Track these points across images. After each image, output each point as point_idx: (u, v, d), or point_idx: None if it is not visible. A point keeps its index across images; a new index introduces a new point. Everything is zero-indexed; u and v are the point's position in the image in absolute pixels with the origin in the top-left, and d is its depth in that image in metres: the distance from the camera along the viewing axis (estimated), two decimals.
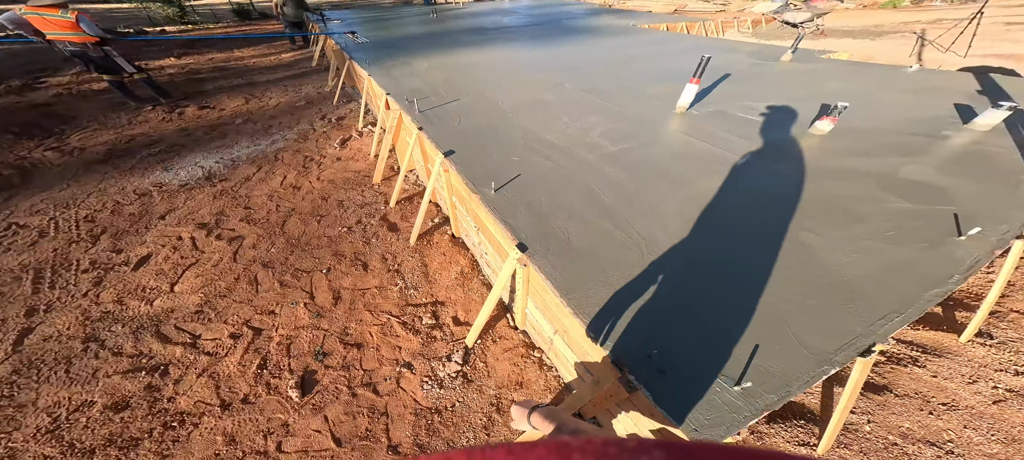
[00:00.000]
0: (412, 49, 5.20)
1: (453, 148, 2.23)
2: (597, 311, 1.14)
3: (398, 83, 3.56)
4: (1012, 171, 1.85)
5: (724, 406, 0.90)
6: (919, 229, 1.42)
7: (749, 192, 1.77)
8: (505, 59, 4.52)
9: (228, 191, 3.38)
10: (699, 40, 5.98)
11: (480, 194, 1.79)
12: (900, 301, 1.11)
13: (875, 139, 2.28)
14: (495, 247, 1.90)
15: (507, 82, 3.54)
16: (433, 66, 4.19)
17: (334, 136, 4.46)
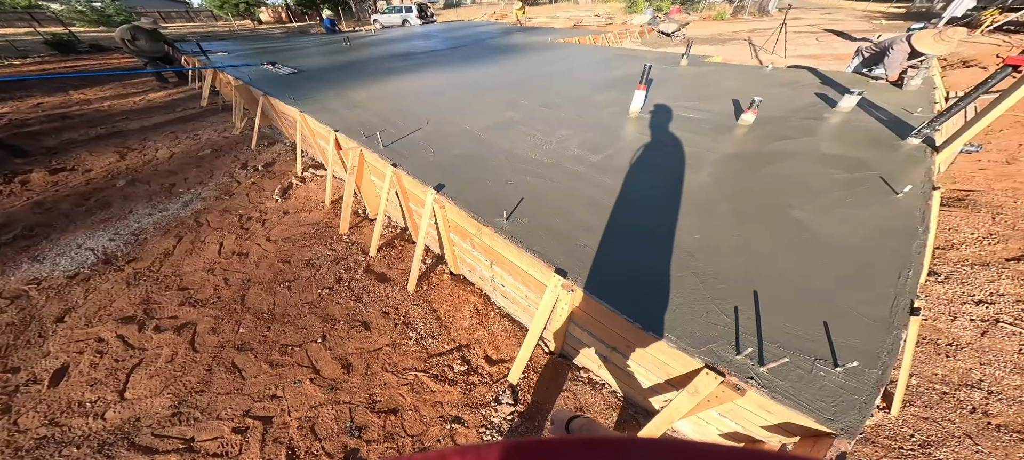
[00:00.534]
0: (338, 80, 4.75)
1: (439, 181, 2.08)
2: (661, 319, 1.18)
3: (341, 118, 3.21)
4: (884, 137, 2.45)
5: (841, 389, 0.94)
6: (865, 193, 1.79)
7: (726, 182, 2.01)
8: (450, 82, 4.42)
9: (146, 273, 2.63)
10: (611, 51, 6.63)
11: (493, 226, 1.71)
12: (897, 256, 1.37)
13: (785, 124, 2.80)
14: (518, 277, 1.84)
15: (464, 105, 3.47)
16: (375, 96, 3.89)
17: (269, 187, 3.81)
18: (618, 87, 4.05)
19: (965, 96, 2.09)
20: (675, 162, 2.24)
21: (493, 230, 1.68)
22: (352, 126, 3.01)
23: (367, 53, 7.27)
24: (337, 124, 3.06)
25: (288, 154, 4.61)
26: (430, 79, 4.63)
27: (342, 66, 5.85)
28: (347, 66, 5.82)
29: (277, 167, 4.29)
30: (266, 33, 18.52)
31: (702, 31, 11.81)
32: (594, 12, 15.71)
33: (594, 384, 1.78)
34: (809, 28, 12.24)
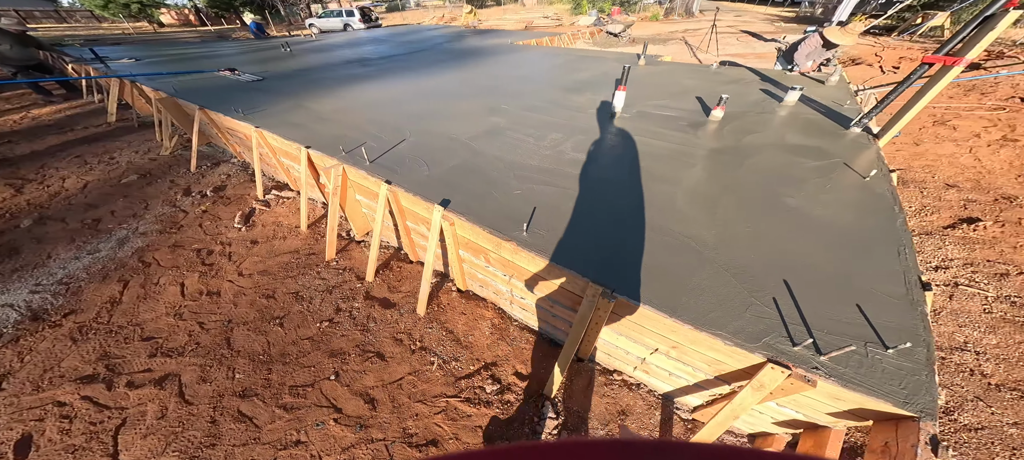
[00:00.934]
0: (292, 90, 4.33)
1: (441, 196, 1.97)
2: (708, 317, 1.23)
3: (310, 132, 2.93)
4: (829, 127, 2.79)
5: (899, 371, 1.01)
6: (838, 178, 2.03)
7: (719, 175, 2.15)
8: (419, 89, 4.24)
9: (93, 326, 2.18)
10: (571, 52, 6.79)
11: (515, 241, 1.67)
12: (886, 234, 1.55)
13: (747, 119, 3.07)
14: (546, 291, 1.79)
15: (443, 113, 3.35)
16: (342, 106, 3.60)
17: (225, 214, 3.36)
18: (590, 88, 4.17)
19: (892, 90, 2.45)
20: (669, 160, 2.35)
21: (515, 245, 1.63)
22: (325, 141, 2.75)
23: (314, 60, 6.72)
24: (306, 139, 2.78)
25: (241, 175, 4.11)
26: (397, 86, 4.40)
27: (291, 74, 5.34)
28: (297, 74, 5.33)
29: (231, 191, 3.80)
30: (174, 37, 16.31)
31: (643, 32, 12.61)
32: (543, 14, 16.04)
33: (629, 386, 1.83)
34: (728, 29, 13.59)
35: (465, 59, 6.32)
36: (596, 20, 14.36)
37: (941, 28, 11.36)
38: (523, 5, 23.99)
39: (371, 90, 4.24)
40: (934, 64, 2.24)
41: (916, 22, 11.80)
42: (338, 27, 18.03)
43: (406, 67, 5.72)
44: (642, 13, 16.32)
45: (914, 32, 11.37)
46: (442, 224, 1.93)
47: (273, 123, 3.18)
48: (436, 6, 32.24)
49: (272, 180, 3.96)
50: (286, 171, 3.50)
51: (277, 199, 3.57)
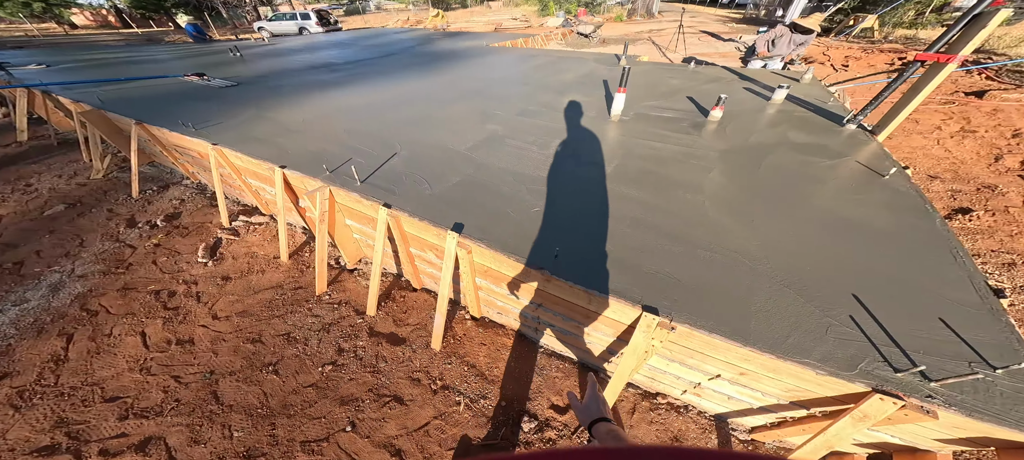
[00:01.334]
0: (252, 99, 3.88)
1: (452, 220, 1.74)
2: (786, 343, 1.12)
3: (280, 148, 2.57)
4: (824, 124, 2.86)
5: (1019, 393, 0.95)
6: (857, 177, 2.02)
7: (740, 179, 2.06)
8: (400, 95, 3.93)
9: (38, 389, 1.73)
10: (549, 53, 6.67)
11: (545, 269, 1.45)
12: (932, 236, 1.52)
13: (743, 118, 3.09)
14: (587, 319, 1.63)
15: (432, 121, 3.09)
16: (313, 116, 3.23)
17: (185, 247, 2.90)
18: (579, 89, 4.07)
19: (885, 87, 2.53)
20: (684, 164, 2.27)
21: (546, 274, 1.45)
22: (301, 158, 2.43)
23: (270, 65, 6.15)
24: (277, 157, 2.44)
25: (197, 199, 3.61)
26: (373, 93, 4.07)
27: (249, 81, 4.82)
28: (254, 81, 4.81)
29: (187, 219, 3.31)
30: (93, 40, 14.52)
31: (611, 32, 12.84)
32: (511, 16, 15.93)
33: (676, 409, 1.71)
34: (688, 29, 14.19)
35: (443, 62, 6.04)
36: (564, 21, 14.47)
37: (871, 29, 12.50)
38: (489, 8, 23.81)
39: (344, 97, 3.88)
40: (926, 61, 2.32)
41: (850, 24, 12.86)
42: (292, 31, 16.97)
43: (380, 71, 5.36)
44: (606, 14, 16.67)
45: (849, 33, 12.39)
46: (457, 251, 1.72)
47: (233, 138, 2.78)
48: (399, 9, 31.26)
49: (237, 203, 3.51)
50: (255, 193, 3.09)
51: (247, 226, 3.14)
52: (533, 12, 16.91)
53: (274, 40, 11.37)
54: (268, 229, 3.06)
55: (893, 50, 8.64)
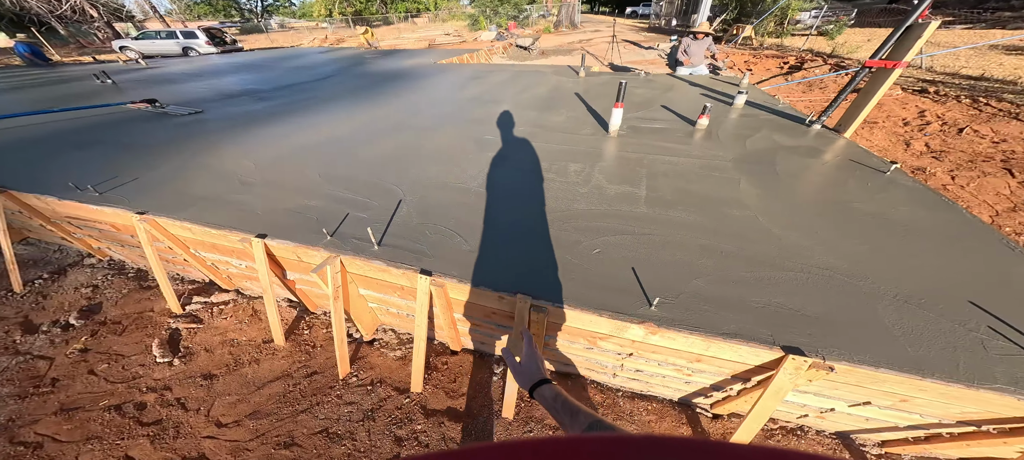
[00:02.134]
0: (172, 139, 3.04)
1: (504, 280, 1.46)
2: (962, 368, 1.08)
3: (241, 208, 1.98)
4: (791, 126, 3.15)
5: None
6: (865, 176, 2.17)
7: (770, 188, 2.08)
8: (366, 125, 3.42)
9: None
10: (503, 69, 6.49)
11: (649, 320, 1.26)
12: (968, 228, 1.66)
13: (725, 125, 3.26)
14: (687, 358, 1.49)
15: (422, 154, 2.67)
16: (269, 159, 2.59)
17: (128, 348, 2.05)
18: (558, 105, 3.97)
19: (841, 91, 2.86)
20: (712, 179, 2.24)
21: (651, 326, 1.25)
22: (277, 218, 1.88)
23: (164, 95, 5.01)
24: (242, 221, 1.87)
25: (118, 283, 2.66)
26: (329, 125, 3.48)
27: (143, 118, 3.82)
28: (152, 118, 3.83)
29: (114, 311, 2.39)
30: None
31: (546, 44, 13.30)
32: (442, 32, 15.56)
33: (792, 432, 1.62)
34: (610, 39, 15.41)
35: (394, 83, 5.53)
36: (497, 35, 14.62)
37: (750, 38, 14.89)
38: (415, 24, 23.13)
39: (294, 132, 3.25)
40: (872, 67, 2.67)
41: (734, 33, 15.15)
42: (172, 51, 14.46)
43: (323, 98, 4.68)
44: (535, 27, 17.31)
45: (736, 41, 14.55)
46: (530, 315, 1.43)
47: (164, 200, 2.08)
48: (310, 27, 28.73)
49: (182, 281, 2.67)
50: (211, 268, 2.36)
51: (209, 309, 2.37)
52: (464, 27, 16.82)
53: (151, 62, 9.46)
54: (239, 308, 2.35)
55: (774, 56, 10.31)
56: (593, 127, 3.28)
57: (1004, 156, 3.22)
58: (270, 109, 4.16)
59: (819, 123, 3.03)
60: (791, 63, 9.17)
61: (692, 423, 1.67)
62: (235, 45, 15.31)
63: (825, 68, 8.14)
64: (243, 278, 2.38)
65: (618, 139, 2.98)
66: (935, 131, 4.12)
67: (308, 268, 1.81)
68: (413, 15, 29.44)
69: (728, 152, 2.63)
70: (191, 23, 32.54)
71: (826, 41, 11.10)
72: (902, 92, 5.80)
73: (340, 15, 30.41)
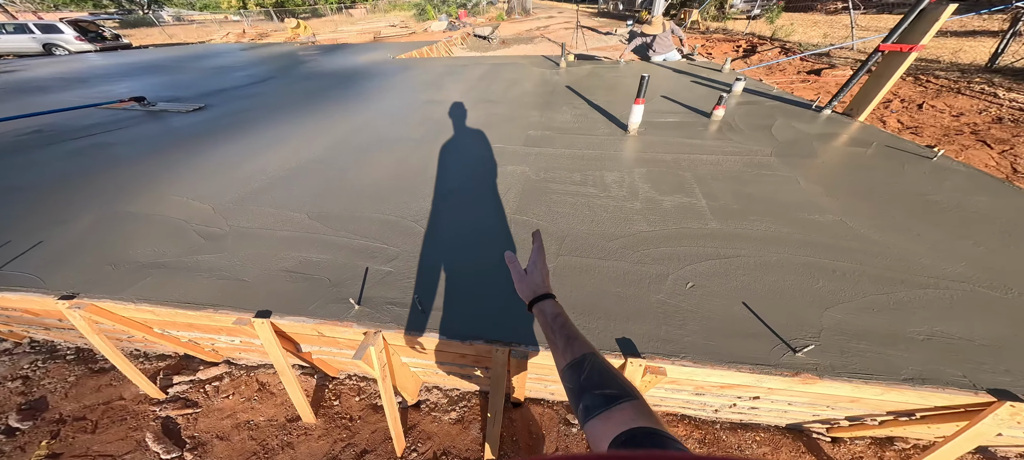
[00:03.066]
0: (66, 179, 2.27)
1: (604, 336, 1.20)
2: None
3: (217, 277, 1.46)
4: (799, 113, 3.16)
5: None
6: (917, 162, 2.17)
7: (833, 183, 1.98)
8: (342, 144, 2.85)
9: None
10: (479, 62, 6.00)
11: (807, 370, 1.06)
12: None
13: (741, 115, 3.18)
14: (837, 401, 1.31)
15: (431, 178, 2.26)
16: (230, 201, 1.99)
17: (110, 446, 1.46)
18: (556, 104, 3.67)
19: (853, 75, 2.90)
20: (768, 180, 2.07)
21: (808, 375, 1.06)
22: (278, 285, 1.39)
23: (28, 105, 3.93)
24: (211, 293, 1.36)
25: (60, 368, 1.91)
26: (294, 146, 2.86)
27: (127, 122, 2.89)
28: (10, 150, 2.91)
29: (69, 406, 1.70)
30: None
31: (505, 33, 12.87)
32: (388, 23, 14.37)
33: None
34: (566, 24, 15.38)
35: (356, 85, 4.85)
36: (448, 24, 13.94)
37: (697, 22, 15.74)
38: (350, 15, 21.33)
39: (253, 156, 2.60)
40: (884, 51, 2.71)
41: (682, 18, 15.90)
42: (29, 49, 11.78)
43: (272, 105, 3.94)
44: (487, 14, 16.75)
45: (685, 26, 15.28)
46: (639, 368, 1.15)
47: (92, 274, 1.47)
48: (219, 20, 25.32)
49: (142, 355, 1.98)
50: (187, 344, 1.74)
51: (199, 388, 1.77)
52: (410, 17, 15.69)
53: (25, 65, 7.62)
54: (238, 382, 1.80)
55: (726, 40, 10.91)
56: (606, 126, 3.04)
57: (971, 129, 3.56)
58: (204, 125, 3.37)
59: (829, 108, 3.05)
60: (744, 47, 9.73)
61: (812, 450, 1.50)
62: (120, 41, 12.90)
63: (776, 52, 8.72)
64: (235, 351, 1.82)
65: (640, 138, 2.77)
66: (897, 108, 4.49)
67: (331, 341, 1.37)
68: (347, 6, 27.20)
69: (762, 145, 2.52)
70: (48, 14, 27.06)
71: (766, 24, 11.98)
72: None
73: (257, 7, 27.20)
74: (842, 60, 7.54)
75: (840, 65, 7.01)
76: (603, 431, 0.42)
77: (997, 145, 3.19)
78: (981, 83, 4.96)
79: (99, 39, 12.27)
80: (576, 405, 0.49)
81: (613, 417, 0.43)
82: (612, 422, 0.42)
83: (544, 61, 5.96)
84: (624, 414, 0.42)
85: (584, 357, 0.53)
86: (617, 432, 0.40)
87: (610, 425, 0.42)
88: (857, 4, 11.85)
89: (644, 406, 0.44)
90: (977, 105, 4.16)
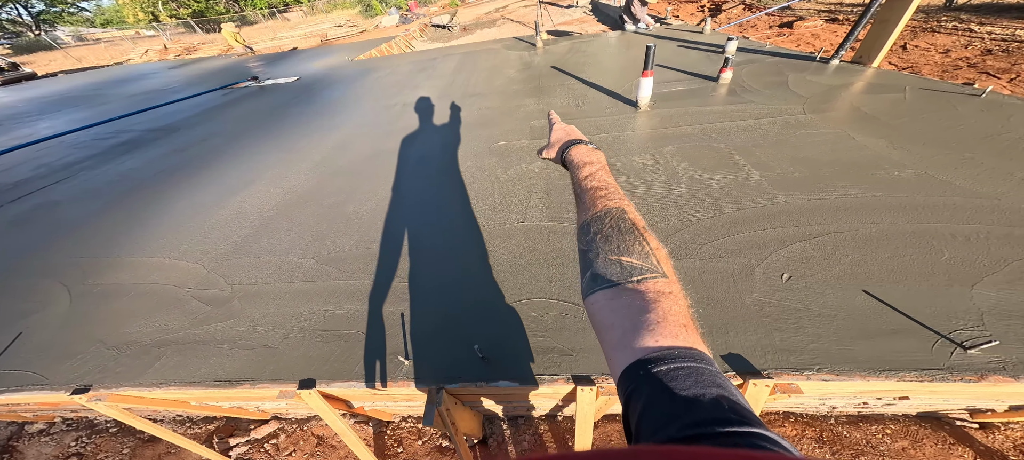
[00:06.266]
0: (14, 247, 1.89)
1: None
2: None
3: (238, 348, 1.22)
4: (802, 65, 3.15)
5: None
6: (940, 103, 2.15)
7: (877, 140, 1.90)
8: (331, 164, 2.57)
9: None
10: (449, 53, 5.66)
11: (950, 368, 0.94)
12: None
13: (746, 76, 3.11)
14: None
15: (451, 194, 2.03)
16: (235, 248, 1.72)
17: None
18: (548, 89, 3.49)
19: (857, 23, 2.88)
20: (817, 139, 1.97)
21: (1001, 379, 0.90)
22: (309, 348, 1.17)
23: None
24: (234, 367, 1.13)
25: (109, 442, 1.65)
26: (273, 174, 2.55)
27: None
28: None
29: None
30: None
31: (464, 19, 12.41)
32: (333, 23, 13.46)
33: None
34: (525, 3, 15.08)
35: (320, 97, 4.46)
36: (400, 18, 13.35)
37: None
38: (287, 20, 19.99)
39: (229, 197, 2.27)
40: None
41: None
42: None
43: (231, 132, 3.53)
44: (440, 2, 16.15)
45: None
46: (764, 389, 1.03)
47: (93, 361, 1.21)
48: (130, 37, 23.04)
49: (188, 420, 1.68)
50: (231, 410, 1.50)
51: (258, 448, 1.59)
52: (357, 15, 14.80)
53: None
54: (295, 438, 1.66)
55: (690, 0, 11.02)
56: (612, 104, 2.91)
57: (968, 63, 3.70)
58: (157, 164, 2.96)
59: (836, 58, 3.05)
60: (708, 6, 9.87)
61: (961, 440, 1.36)
62: (21, 71, 11.44)
63: (740, 8, 8.89)
64: (281, 408, 1.60)
65: (653, 112, 2.65)
66: None
67: (386, 397, 1.21)
68: (280, 10, 25.45)
69: (789, 103, 2.46)
70: None
71: None
72: (825, 23, 6.53)
73: (173, 18, 24.96)
74: (807, 12, 7.78)
75: (808, 17, 7.23)
76: (609, 321, 0.31)
77: (1003, 75, 3.31)
78: (949, 21, 5.21)
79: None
80: (582, 274, 0.39)
81: (624, 299, 0.31)
82: (623, 310, 0.31)
83: (518, 43, 5.74)
84: (644, 302, 0.30)
85: (607, 212, 0.41)
86: (636, 345, 0.27)
87: (619, 314, 0.31)
88: None
89: (679, 295, 0.32)
90: (958, 40, 4.35)
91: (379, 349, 1.17)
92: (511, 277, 1.38)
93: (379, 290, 1.39)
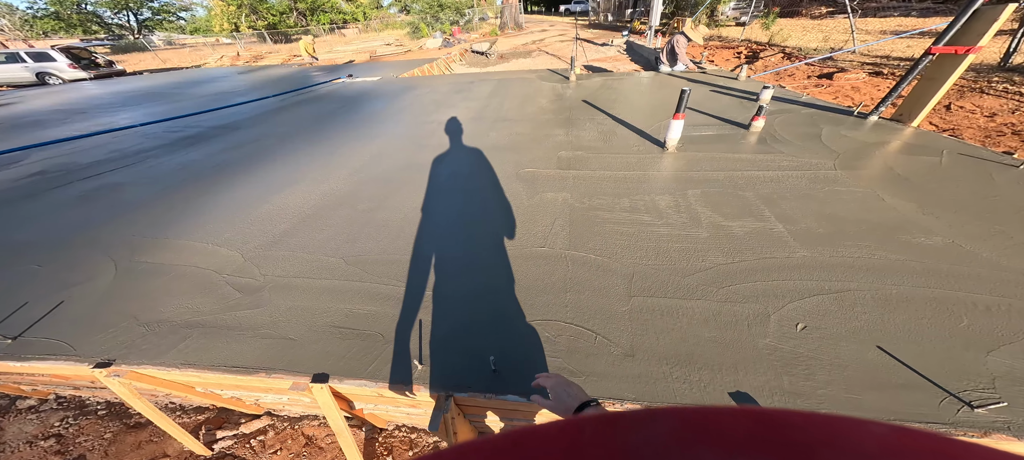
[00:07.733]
0: (76, 228, 2.11)
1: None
2: None
3: (261, 337, 1.30)
4: (839, 119, 3.08)
5: None
6: (975, 171, 2.06)
7: (907, 204, 1.85)
8: (369, 171, 2.72)
9: None
10: (485, 79, 5.93)
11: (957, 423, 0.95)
12: None
13: (778, 126, 3.09)
14: None
15: (479, 209, 2.11)
16: (272, 242, 1.85)
17: None
18: (577, 121, 3.56)
19: (901, 80, 2.82)
20: (844, 196, 1.94)
21: (1006, 438, 0.91)
22: (327, 345, 1.24)
23: (29, 138, 3.78)
24: (256, 354, 1.20)
25: (94, 425, 1.70)
26: (314, 175, 2.73)
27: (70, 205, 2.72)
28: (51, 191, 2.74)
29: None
30: None
31: (502, 48, 13.01)
32: (383, 42, 14.51)
33: None
34: (561, 36, 15.60)
35: (364, 107, 4.75)
36: (443, 41, 14.08)
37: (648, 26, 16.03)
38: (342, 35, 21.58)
39: (273, 193, 2.45)
40: (935, 54, 2.63)
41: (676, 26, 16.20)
42: (22, 79, 11.57)
43: (283, 136, 3.81)
44: (480, 30, 16.99)
45: None
46: None
47: (122, 336, 1.32)
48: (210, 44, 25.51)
49: (179, 408, 1.78)
50: (229, 400, 1.59)
51: (244, 443, 1.61)
52: (403, 35, 15.86)
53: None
54: (283, 436, 1.69)
55: (724, 47, 11.06)
56: (639, 142, 2.93)
57: (1012, 130, 3.51)
58: (215, 158, 3.23)
59: (875, 114, 2.97)
60: (745, 53, 9.85)
61: None
62: (114, 68, 12.83)
63: (779, 57, 8.82)
64: (280, 404, 1.66)
65: (680, 154, 2.65)
66: None
67: (390, 401, 1.23)
68: (339, 26, 27.60)
69: (820, 158, 2.41)
70: (38, 42, 27.19)
71: (762, 30, 12.21)
72: (867, 76, 6.37)
73: (250, 29, 27.50)
74: (849, 63, 7.61)
75: (850, 68, 7.07)
76: None
77: None
78: (1001, 82, 4.96)
79: (93, 66, 12.19)
80: None
81: None
82: None
83: (551, 75, 5.92)
84: None
85: None
86: None
87: None
88: (854, 8, 12.14)
89: None
90: (1006, 104, 4.13)
91: (395, 351, 1.22)
92: (529, 298, 1.41)
93: (401, 295, 1.45)
